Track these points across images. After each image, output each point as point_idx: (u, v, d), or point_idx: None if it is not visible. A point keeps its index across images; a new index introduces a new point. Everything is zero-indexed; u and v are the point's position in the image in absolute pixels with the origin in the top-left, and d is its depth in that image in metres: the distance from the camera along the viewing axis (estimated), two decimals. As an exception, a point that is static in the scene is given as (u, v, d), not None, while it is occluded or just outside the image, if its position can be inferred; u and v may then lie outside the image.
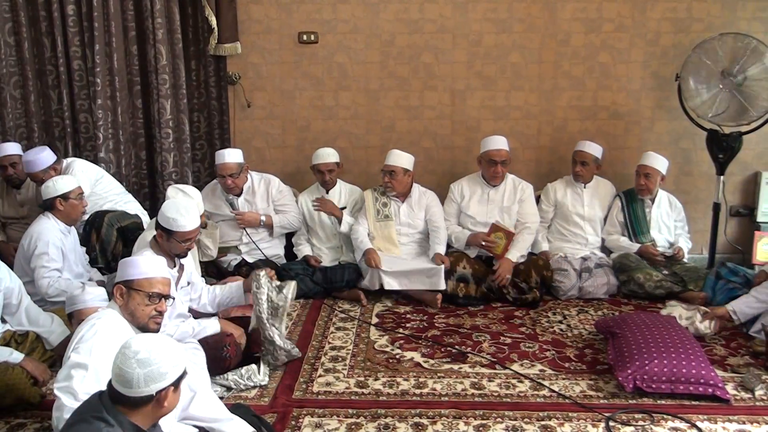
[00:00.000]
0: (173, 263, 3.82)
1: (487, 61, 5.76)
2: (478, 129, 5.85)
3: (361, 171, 5.93)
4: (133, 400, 2.30)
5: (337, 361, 4.13)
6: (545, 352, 4.21)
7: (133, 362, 2.28)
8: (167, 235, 3.73)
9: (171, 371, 2.32)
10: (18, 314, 3.98)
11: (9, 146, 5.29)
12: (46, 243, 4.40)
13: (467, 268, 5.01)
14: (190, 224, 3.74)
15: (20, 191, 5.34)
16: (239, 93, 5.85)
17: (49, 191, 4.49)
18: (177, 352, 2.37)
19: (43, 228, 4.46)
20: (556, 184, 5.56)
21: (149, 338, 2.38)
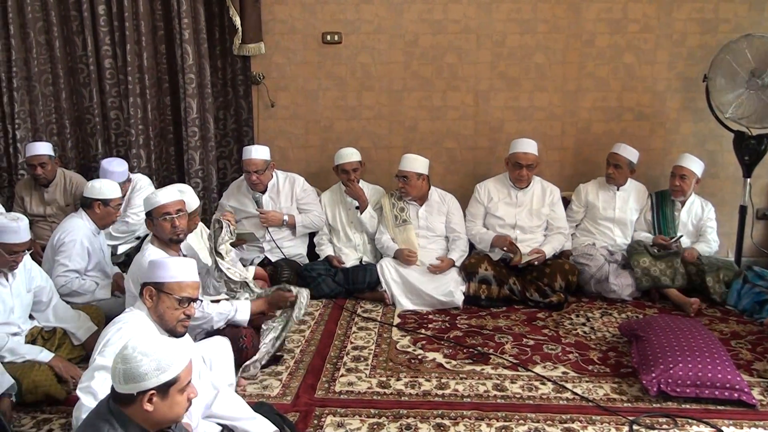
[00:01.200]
0: (177, 254, 3.84)
1: (511, 61, 5.75)
2: (501, 130, 5.84)
3: (383, 171, 5.93)
4: (120, 396, 2.27)
5: (359, 361, 4.14)
6: (568, 355, 4.18)
7: (119, 357, 2.28)
8: (151, 219, 3.80)
9: (151, 374, 2.23)
10: (46, 312, 4.05)
11: (39, 146, 5.35)
12: (73, 241, 4.45)
13: (489, 270, 4.99)
14: (163, 197, 3.79)
15: (47, 190, 5.42)
16: (263, 93, 5.88)
17: (92, 192, 4.54)
18: (167, 359, 2.27)
19: (74, 226, 4.51)
20: (588, 185, 5.53)
21: (147, 339, 2.33)
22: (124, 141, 5.97)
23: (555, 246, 5.19)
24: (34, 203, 5.43)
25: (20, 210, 5.42)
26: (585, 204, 5.47)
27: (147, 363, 2.23)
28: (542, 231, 5.31)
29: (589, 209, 5.45)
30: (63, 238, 4.47)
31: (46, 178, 5.33)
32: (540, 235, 5.30)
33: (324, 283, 5.10)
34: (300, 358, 4.19)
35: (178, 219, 3.79)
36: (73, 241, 4.45)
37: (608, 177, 5.39)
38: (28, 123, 5.81)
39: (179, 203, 3.85)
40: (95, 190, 4.55)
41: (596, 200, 5.43)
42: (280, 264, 5.16)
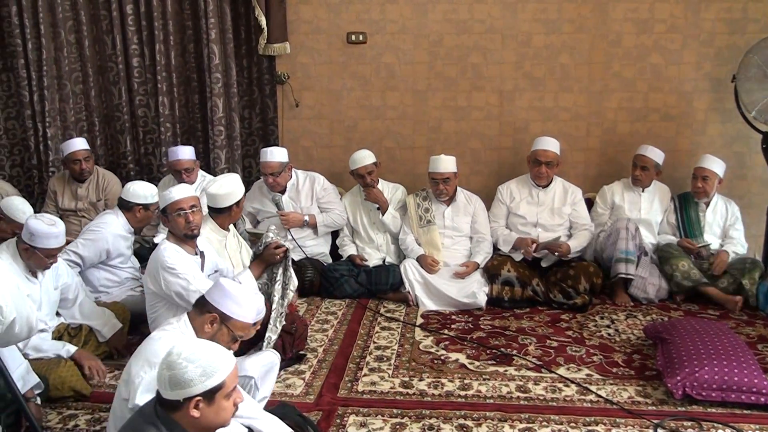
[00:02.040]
0: (193, 250, 3.85)
1: (536, 61, 5.72)
2: (525, 130, 5.81)
3: (407, 171, 5.93)
4: (166, 402, 2.27)
5: (382, 361, 4.14)
6: (592, 357, 4.16)
7: (164, 363, 2.27)
8: (165, 216, 3.81)
9: (197, 381, 2.22)
10: (72, 309, 4.10)
11: (78, 142, 5.45)
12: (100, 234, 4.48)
13: (512, 272, 4.97)
14: (177, 193, 3.81)
15: (81, 185, 5.48)
16: (288, 92, 5.91)
17: (134, 195, 4.57)
18: (212, 365, 2.26)
19: (108, 222, 4.55)
20: (613, 186, 5.48)
21: (192, 345, 2.32)
22: (152, 138, 6.04)
23: (581, 242, 5.15)
24: (67, 198, 5.51)
25: (52, 204, 5.51)
26: (611, 205, 5.42)
27: (192, 369, 2.23)
28: (564, 230, 5.27)
29: (615, 210, 5.40)
30: (92, 227, 4.53)
31: (88, 171, 5.43)
32: (562, 234, 5.25)
33: (347, 284, 5.12)
34: (323, 357, 4.20)
35: (192, 214, 3.80)
36: (100, 234, 4.49)
37: (635, 179, 5.34)
38: (57, 121, 5.89)
39: (193, 199, 3.87)
40: (137, 195, 4.57)
41: (622, 202, 5.38)
42: (303, 263, 5.18)
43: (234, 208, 4.29)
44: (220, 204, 4.25)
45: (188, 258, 3.77)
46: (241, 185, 4.36)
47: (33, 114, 5.87)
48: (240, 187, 4.34)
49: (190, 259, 3.78)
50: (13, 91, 5.98)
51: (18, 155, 6.15)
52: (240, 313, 2.86)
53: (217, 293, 2.88)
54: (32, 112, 5.87)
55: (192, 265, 3.75)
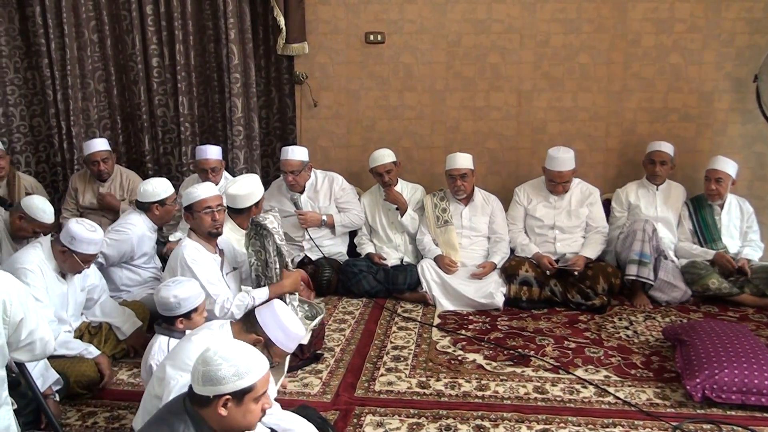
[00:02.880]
0: (214, 249, 3.89)
1: (555, 61, 5.69)
2: (544, 130, 5.78)
3: (424, 171, 5.92)
4: (196, 397, 2.29)
5: (399, 361, 4.14)
6: (610, 358, 4.13)
7: (200, 359, 2.30)
8: (191, 213, 3.83)
9: (229, 379, 2.24)
10: (94, 307, 4.14)
11: (98, 142, 5.46)
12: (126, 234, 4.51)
13: (530, 272, 4.96)
14: (203, 192, 3.84)
15: (104, 184, 5.51)
16: (306, 92, 5.91)
17: (147, 195, 4.59)
18: (246, 366, 2.28)
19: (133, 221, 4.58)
20: (627, 188, 5.45)
21: (229, 345, 2.34)
22: (171, 138, 6.07)
23: (595, 247, 5.13)
24: (88, 196, 5.53)
25: (72, 202, 5.54)
26: (627, 206, 5.39)
27: (226, 368, 2.25)
28: (581, 231, 5.25)
29: (631, 211, 5.37)
30: (118, 227, 4.57)
31: (108, 172, 5.44)
32: (579, 236, 5.24)
33: (365, 279, 5.12)
34: (340, 356, 4.20)
35: (218, 213, 3.84)
36: (126, 234, 4.52)
37: (654, 176, 5.31)
38: (81, 119, 5.93)
39: (219, 198, 3.93)
40: (149, 193, 4.58)
41: (637, 201, 5.35)
42: (321, 263, 5.20)
43: (253, 209, 4.31)
44: (240, 204, 4.28)
45: (208, 256, 3.80)
46: (260, 186, 4.39)
47: (57, 112, 5.92)
48: (259, 187, 4.37)
49: (210, 257, 3.81)
50: (38, 89, 6.04)
51: (43, 152, 6.20)
52: (284, 343, 2.90)
53: (269, 317, 2.90)
54: (56, 111, 5.92)
55: (211, 264, 3.78)
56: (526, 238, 5.28)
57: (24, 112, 6.07)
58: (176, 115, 5.97)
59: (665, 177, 5.34)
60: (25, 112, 6.08)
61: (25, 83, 6.05)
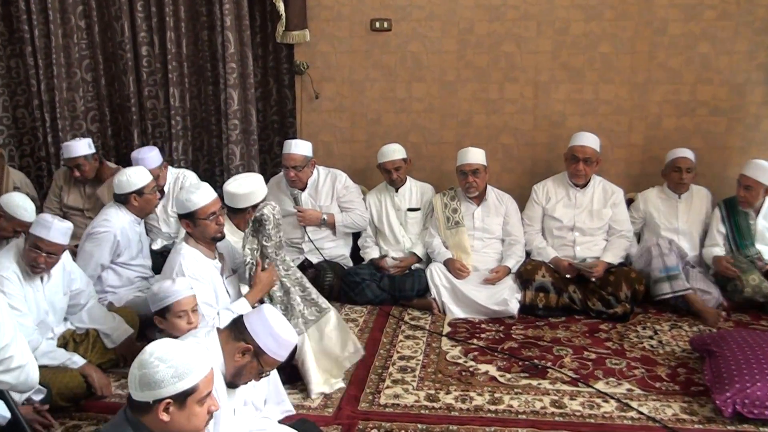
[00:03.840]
0: (213, 254, 3.88)
1: (575, 51, 5.68)
2: (562, 125, 5.78)
3: (434, 168, 5.92)
4: (136, 404, 2.28)
5: (406, 372, 4.14)
6: (633, 370, 4.13)
7: (136, 362, 2.29)
8: (192, 221, 3.78)
9: (168, 382, 2.23)
10: (80, 313, 4.15)
11: (76, 147, 5.33)
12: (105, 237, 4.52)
13: (547, 277, 4.96)
14: (203, 198, 3.79)
15: (98, 186, 5.45)
16: (307, 83, 5.92)
17: (123, 186, 4.60)
18: (185, 366, 2.27)
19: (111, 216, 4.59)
20: (647, 194, 5.42)
21: (166, 345, 2.32)
22: (161, 133, 6.09)
23: (618, 253, 5.11)
24: (72, 196, 5.52)
25: (55, 200, 5.53)
26: (643, 215, 5.37)
27: (164, 369, 2.24)
28: (603, 234, 5.24)
29: (648, 221, 5.35)
30: (95, 228, 4.57)
31: (84, 178, 5.37)
32: (600, 239, 5.24)
33: (368, 288, 5.12)
34: (343, 367, 4.20)
35: (221, 216, 3.85)
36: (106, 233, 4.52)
37: (679, 184, 5.27)
38: (66, 111, 5.95)
39: (218, 200, 3.91)
40: (125, 184, 4.60)
41: (657, 211, 5.32)
42: (322, 266, 5.21)
43: (250, 211, 4.25)
44: (238, 204, 4.26)
45: (207, 264, 3.79)
46: (263, 187, 4.36)
47: (41, 103, 5.94)
48: (262, 188, 4.34)
49: (209, 264, 3.80)
50: (23, 78, 6.06)
51: (27, 145, 6.23)
52: (275, 351, 2.88)
53: (258, 323, 2.89)
54: (40, 102, 5.94)
55: (211, 272, 3.78)
56: (543, 241, 5.28)
57: (7, 103, 6.11)
58: (167, 108, 5.99)
59: (690, 185, 5.31)
60: (8, 103, 6.11)
61: (8, 72, 6.08)
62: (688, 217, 5.29)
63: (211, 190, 3.90)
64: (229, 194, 4.26)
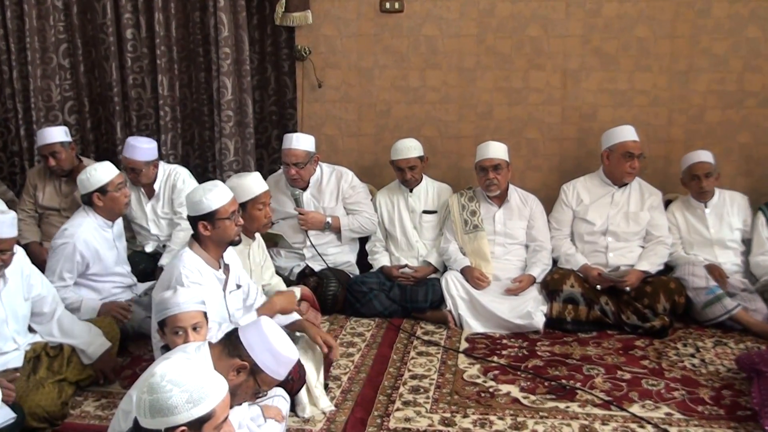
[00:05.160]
0: (218, 264, 3.85)
1: (607, 35, 5.68)
2: (593, 117, 5.77)
3: (450, 165, 5.93)
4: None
5: (418, 393, 4.12)
6: (673, 392, 4.11)
7: (146, 386, 2.29)
8: (210, 222, 3.73)
9: (182, 408, 2.24)
10: (49, 324, 4.10)
11: (50, 132, 5.38)
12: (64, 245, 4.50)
13: (576, 287, 4.95)
14: (222, 197, 3.75)
15: (65, 180, 5.49)
16: (309, 71, 5.92)
17: (84, 185, 4.59)
18: (201, 390, 2.29)
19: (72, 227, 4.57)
20: (672, 208, 5.40)
21: (179, 366, 2.33)
22: (147, 125, 6.11)
23: (655, 261, 5.10)
24: (49, 194, 5.53)
25: (30, 201, 5.54)
26: (677, 227, 5.34)
27: (178, 394, 2.24)
28: (639, 241, 5.24)
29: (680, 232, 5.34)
30: (56, 239, 4.56)
31: (61, 168, 5.39)
32: (636, 245, 5.23)
33: (376, 299, 5.13)
34: (348, 387, 4.19)
35: (239, 217, 3.85)
36: (65, 246, 4.49)
37: (701, 193, 5.25)
38: (40, 101, 5.96)
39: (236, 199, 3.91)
40: (85, 183, 4.57)
41: (685, 223, 5.32)
42: (326, 274, 5.21)
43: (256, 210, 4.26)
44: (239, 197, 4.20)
45: (210, 274, 3.77)
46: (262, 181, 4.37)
47: (13, 92, 5.96)
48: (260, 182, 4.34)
49: (212, 275, 3.78)
50: (-7, 64, 6.09)
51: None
52: (273, 369, 2.89)
53: (255, 337, 2.88)
54: (12, 91, 5.96)
55: (212, 283, 3.75)
56: (572, 247, 5.27)
57: (-26, 93, 6.12)
58: (154, 98, 5.99)
59: (713, 190, 5.30)
60: (-23, 92, 6.12)
61: (-23, 58, 6.09)
62: (721, 224, 5.27)
63: (227, 188, 3.87)
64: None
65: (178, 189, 5.36)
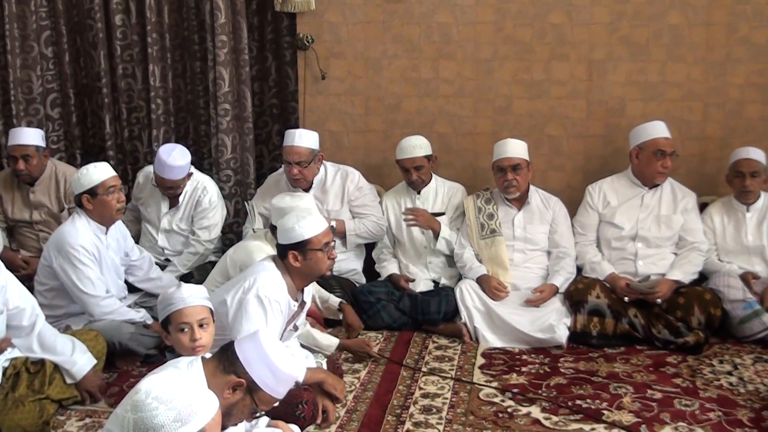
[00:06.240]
0: (297, 295, 3.89)
1: (637, 22, 5.65)
2: (622, 112, 5.76)
3: (465, 164, 5.92)
4: None
5: (430, 413, 4.09)
6: (708, 413, 4.07)
7: (129, 404, 2.26)
8: (302, 253, 3.77)
9: (169, 427, 2.21)
10: (29, 338, 4.06)
11: (27, 134, 5.37)
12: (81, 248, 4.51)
13: (602, 298, 4.93)
14: (316, 226, 3.82)
15: (33, 189, 5.47)
16: (311, 61, 5.91)
17: (74, 185, 4.61)
18: (189, 408, 2.25)
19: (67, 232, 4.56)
20: (711, 209, 5.39)
21: (166, 383, 2.30)
22: (138, 118, 6.12)
23: (689, 269, 5.08)
24: (17, 206, 5.51)
25: None
26: (713, 231, 5.32)
27: (164, 413, 2.22)
28: (671, 247, 5.22)
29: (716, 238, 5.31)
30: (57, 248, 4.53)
31: (29, 174, 5.38)
32: (668, 251, 5.21)
33: (384, 310, 5.13)
34: (353, 406, 4.17)
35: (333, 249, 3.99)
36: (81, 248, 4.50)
37: (744, 193, 5.23)
38: (20, 93, 5.95)
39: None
40: (76, 183, 4.59)
41: (722, 227, 5.29)
42: (329, 283, 5.16)
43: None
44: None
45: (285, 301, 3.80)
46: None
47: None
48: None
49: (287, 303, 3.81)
50: (-31, 54, 6.09)
51: (-26, 138, 6.25)
52: (272, 387, 2.87)
53: (253, 352, 2.86)
54: (-16, 83, 5.97)
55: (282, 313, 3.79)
56: (598, 254, 5.26)
57: (-52, 85, 6.12)
58: (145, 89, 6.00)
59: (759, 193, 5.27)
60: (-51, 85, 6.13)
61: (-51, 47, 6.09)
62: (759, 232, 5.24)
63: (322, 218, 3.94)
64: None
65: (202, 207, 5.41)
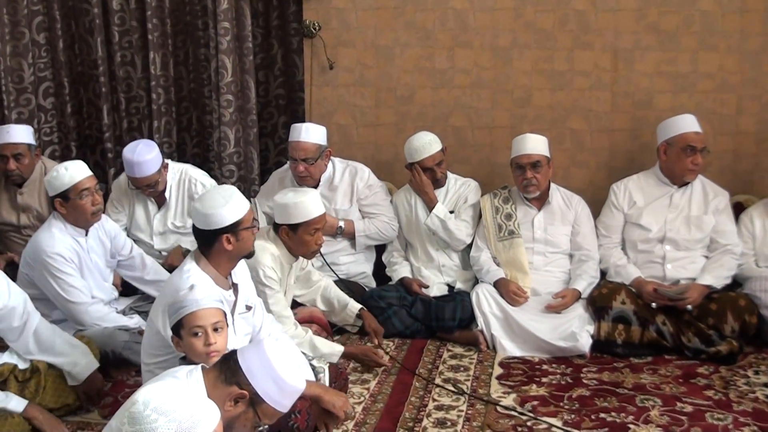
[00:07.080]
0: (227, 282, 3.86)
1: (666, 8, 5.63)
2: (649, 105, 5.74)
3: (482, 160, 5.92)
4: None
5: (444, 426, 4.07)
6: (743, 428, 4.03)
7: (126, 416, 2.25)
8: (234, 235, 3.76)
9: None
10: (24, 338, 4.04)
11: (19, 131, 5.37)
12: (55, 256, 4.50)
13: (628, 304, 4.90)
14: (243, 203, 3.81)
15: (21, 191, 5.46)
16: (318, 49, 5.90)
17: (47, 187, 4.61)
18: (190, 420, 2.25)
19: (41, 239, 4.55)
20: (751, 211, 5.34)
21: (165, 393, 2.30)
22: (138, 108, 6.14)
23: (721, 273, 5.04)
24: (4, 208, 5.50)
25: None
26: (751, 235, 5.28)
27: (164, 425, 2.21)
28: (702, 250, 5.18)
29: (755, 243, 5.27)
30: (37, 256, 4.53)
31: (21, 174, 5.38)
32: (699, 254, 5.17)
33: (396, 316, 5.11)
34: (362, 419, 4.15)
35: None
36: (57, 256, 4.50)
37: None
38: (10, 83, 5.95)
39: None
40: (48, 185, 4.58)
41: (764, 231, 5.25)
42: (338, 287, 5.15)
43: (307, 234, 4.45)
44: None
45: (218, 295, 3.73)
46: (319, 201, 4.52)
47: (-24, 74, 5.99)
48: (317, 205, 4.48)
49: (220, 297, 3.74)
50: (-47, 41, 6.09)
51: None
52: (277, 399, 2.85)
53: (256, 363, 2.84)
54: (-25, 72, 5.99)
55: None
56: (624, 257, 5.24)
57: (-67, 75, 6.13)
58: (145, 77, 6.02)
59: None
60: (-65, 74, 6.14)
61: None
62: None
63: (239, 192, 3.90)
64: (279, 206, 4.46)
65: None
